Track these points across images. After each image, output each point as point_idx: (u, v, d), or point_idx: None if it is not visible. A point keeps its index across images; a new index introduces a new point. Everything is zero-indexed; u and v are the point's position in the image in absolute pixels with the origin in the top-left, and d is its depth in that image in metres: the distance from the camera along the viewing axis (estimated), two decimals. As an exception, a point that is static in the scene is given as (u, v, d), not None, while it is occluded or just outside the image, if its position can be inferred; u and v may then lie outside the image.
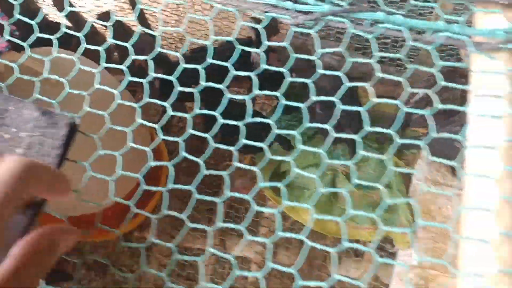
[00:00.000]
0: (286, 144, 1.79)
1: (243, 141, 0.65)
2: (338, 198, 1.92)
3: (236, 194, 0.63)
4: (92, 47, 0.74)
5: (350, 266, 1.91)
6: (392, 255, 1.90)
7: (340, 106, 0.63)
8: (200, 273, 0.61)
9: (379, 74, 0.62)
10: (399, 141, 0.60)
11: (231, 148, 0.66)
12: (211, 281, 1.98)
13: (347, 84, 0.62)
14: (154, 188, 0.65)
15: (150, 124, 0.68)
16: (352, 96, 1.67)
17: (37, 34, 0.75)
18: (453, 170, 1.80)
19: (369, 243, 1.99)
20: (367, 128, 0.61)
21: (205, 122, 1.79)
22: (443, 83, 0.60)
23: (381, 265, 1.90)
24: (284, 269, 0.58)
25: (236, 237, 2.06)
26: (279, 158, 0.65)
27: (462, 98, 1.60)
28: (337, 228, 1.86)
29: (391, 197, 1.95)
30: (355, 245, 0.58)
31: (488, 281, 0.51)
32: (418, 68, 0.62)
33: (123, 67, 0.70)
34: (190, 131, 0.67)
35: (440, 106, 0.59)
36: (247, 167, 0.65)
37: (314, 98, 0.64)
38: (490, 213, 0.55)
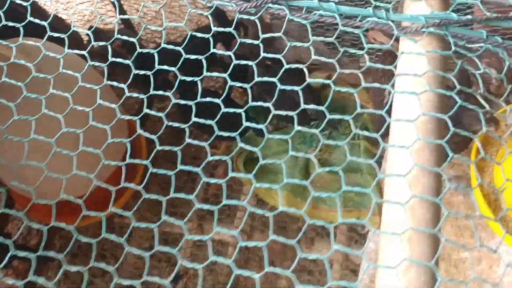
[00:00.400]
0: (258, 130, 1.86)
1: (195, 119, 0.72)
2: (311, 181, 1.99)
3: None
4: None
5: (322, 246, 1.99)
6: (363, 236, 1.98)
7: (280, 86, 0.70)
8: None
9: (314, 57, 0.69)
10: (330, 116, 0.66)
11: (183, 126, 0.72)
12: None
13: (286, 66, 0.69)
14: (113, 163, 0.71)
15: (109, 104, 0.74)
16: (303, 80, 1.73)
17: (3, 22, 0.81)
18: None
19: (342, 225, 2.06)
20: (303, 105, 0.68)
21: (180, 112, 1.86)
22: (368, 63, 0.67)
23: (352, 245, 1.96)
24: (227, 232, 0.64)
25: (212, 222, 2.13)
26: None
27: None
28: (308, 210, 1.93)
29: (362, 181, 2.04)
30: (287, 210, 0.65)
31: (402, 238, 0.58)
32: (347, 50, 0.69)
33: (84, 52, 0.76)
34: (146, 110, 0.74)
35: (365, 84, 0.66)
36: (196, 142, 0.71)
37: (257, 78, 0.71)
38: (406, 180, 0.62)
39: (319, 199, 1.94)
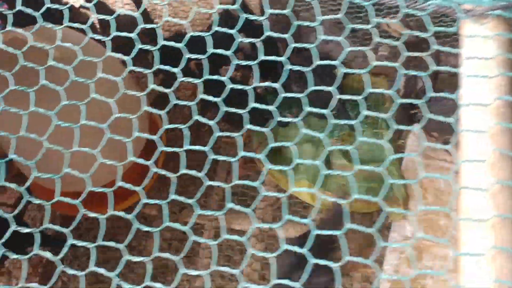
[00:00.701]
0: (280, 120, 1.83)
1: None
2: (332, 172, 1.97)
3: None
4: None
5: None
6: (387, 227, 1.96)
7: (341, 68, 0.68)
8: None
9: (377, 39, 0.66)
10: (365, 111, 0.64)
11: (241, 111, 0.70)
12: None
13: (348, 48, 0.67)
14: (168, 148, 0.69)
15: (163, 89, 0.72)
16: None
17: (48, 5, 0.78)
18: (443, 143, 1.85)
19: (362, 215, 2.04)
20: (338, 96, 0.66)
21: (202, 106, 1.84)
22: (435, 47, 0.65)
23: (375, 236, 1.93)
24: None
25: (234, 212, 2.11)
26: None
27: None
28: (326, 200, 1.91)
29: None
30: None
31: (486, 226, 0.56)
32: (412, 33, 0.67)
33: (132, 35, 0.74)
34: (203, 96, 0.72)
35: (435, 68, 0.64)
36: (257, 128, 0.69)
37: (319, 62, 0.69)
38: (485, 165, 0.60)
39: (341, 189, 1.91)
